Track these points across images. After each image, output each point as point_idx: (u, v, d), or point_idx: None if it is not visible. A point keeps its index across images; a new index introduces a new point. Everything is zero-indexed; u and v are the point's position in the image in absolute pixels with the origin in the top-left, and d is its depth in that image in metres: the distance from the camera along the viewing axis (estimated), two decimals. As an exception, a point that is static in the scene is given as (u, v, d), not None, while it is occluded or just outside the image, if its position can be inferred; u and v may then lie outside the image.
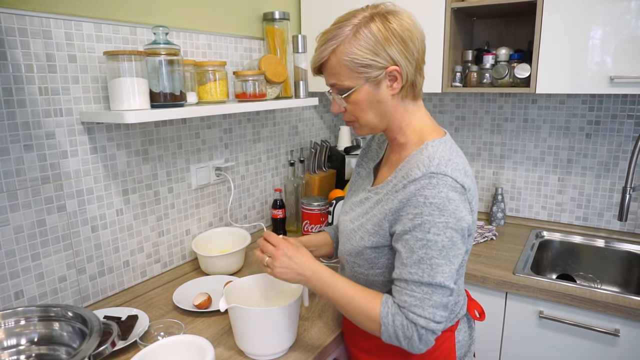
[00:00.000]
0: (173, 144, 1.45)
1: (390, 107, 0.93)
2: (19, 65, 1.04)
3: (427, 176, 0.85)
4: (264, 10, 1.72)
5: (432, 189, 0.84)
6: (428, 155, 0.88)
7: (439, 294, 0.84)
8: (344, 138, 2.16)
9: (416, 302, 0.84)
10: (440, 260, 0.84)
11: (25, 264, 1.10)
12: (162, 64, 1.15)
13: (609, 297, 1.30)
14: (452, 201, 0.84)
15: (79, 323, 0.88)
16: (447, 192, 0.83)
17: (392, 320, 0.85)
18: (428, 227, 0.83)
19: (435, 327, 0.84)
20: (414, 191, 0.85)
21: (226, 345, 1.07)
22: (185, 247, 1.54)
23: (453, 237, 0.84)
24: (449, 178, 0.85)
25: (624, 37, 1.36)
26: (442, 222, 0.83)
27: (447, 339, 1.00)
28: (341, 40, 0.88)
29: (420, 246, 0.84)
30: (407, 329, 0.84)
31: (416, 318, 0.83)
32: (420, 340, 0.84)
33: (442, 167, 0.85)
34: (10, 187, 1.06)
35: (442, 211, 0.83)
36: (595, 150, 1.77)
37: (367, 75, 0.89)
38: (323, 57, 0.91)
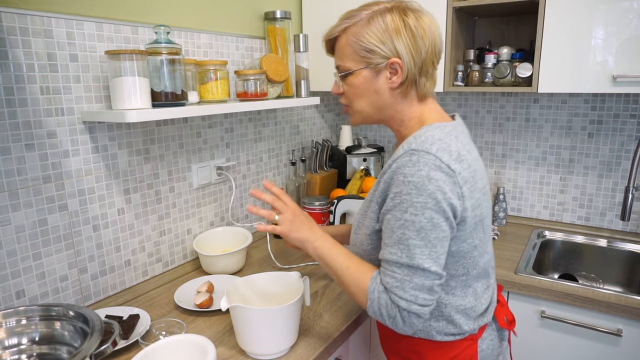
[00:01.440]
0: (174, 143, 1.45)
1: (386, 100, 0.92)
2: (20, 65, 1.04)
3: (408, 153, 0.83)
4: (265, 10, 1.72)
5: (411, 166, 0.81)
6: (416, 135, 0.87)
7: (420, 276, 0.82)
8: (345, 137, 2.16)
9: (397, 284, 0.83)
10: (417, 242, 0.81)
11: (27, 263, 1.10)
12: (163, 63, 1.15)
13: (611, 297, 1.30)
14: (434, 180, 0.80)
15: (80, 322, 0.88)
16: (429, 170, 0.80)
17: (377, 297, 0.85)
18: (405, 207, 0.81)
19: (419, 309, 0.82)
20: (395, 169, 0.84)
21: (228, 344, 1.07)
22: (187, 246, 1.54)
23: (433, 219, 0.80)
24: (432, 156, 0.81)
25: (626, 36, 1.36)
26: (420, 202, 0.80)
27: (467, 348, 0.95)
28: (355, 21, 0.90)
29: (399, 226, 0.82)
30: (391, 309, 0.84)
31: (398, 300, 0.82)
32: (404, 322, 0.84)
33: (425, 145, 0.83)
34: (11, 187, 1.06)
35: (420, 190, 0.80)
36: (598, 149, 1.77)
37: (369, 61, 0.89)
38: (333, 33, 0.94)
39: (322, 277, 1.42)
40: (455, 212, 0.83)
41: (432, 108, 0.95)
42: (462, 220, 0.86)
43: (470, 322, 0.94)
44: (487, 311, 0.98)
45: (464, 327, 0.94)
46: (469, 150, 0.89)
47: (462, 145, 0.87)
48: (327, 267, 0.95)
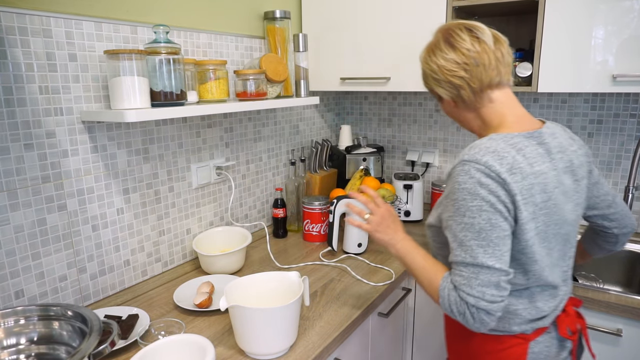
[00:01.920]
0: (174, 143, 1.45)
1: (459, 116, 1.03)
2: (19, 64, 1.04)
3: (461, 163, 0.89)
4: (264, 9, 1.71)
5: (463, 175, 0.87)
6: (474, 144, 0.91)
7: (485, 273, 0.85)
8: (345, 137, 2.16)
9: (464, 281, 0.87)
10: (479, 242, 0.85)
11: (26, 263, 1.10)
12: (162, 63, 1.15)
13: (611, 296, 1.29)
14: (485, 185, 0.85)
15: (78, 322, 0.87)
16: (479, 177, 0.86)
17: (447, 295, 0.90)
18: (463, 211, 0.87)
19: (487, 305, 0.85)
20: (453, 178, 0.90)
21: (227, 344, 1.07)
22: (186, 246, 1.54)
23: (491, 219, 0.85)
24: (481, 165, 0.86)
25: (626, 36, 1.35)
26: (475, 205, 0.85)
27: (516, 345, 0.96)
28: None
29: (460, 229, 0.88)
30: (460, 306, 0.87)
31: (466, 296, 0.86)
32: (474, 318, 0.86)
33: (476, 156, 0.88)
34: (10, 186, 1.06)
35: (474, 195, 0.85)
36: (598, 149, 1.77)
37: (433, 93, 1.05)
38: None
39: (321, 277, 1.42)
40: (510, 212, 0.87)
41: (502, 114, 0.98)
42: (519, 228, 0.88)
43: (522, 323, 0.96)
44: (547, 317, 0.97)
45: (513, 327, 0.96)
46: (532, 164, 0.89)
47: (523, 159, 0.88)
48: (406, 266, 1.03)
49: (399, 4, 1.65)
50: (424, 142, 2.16)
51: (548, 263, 0.93)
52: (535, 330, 0.97)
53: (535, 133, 0.94)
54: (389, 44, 1.71)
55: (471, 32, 0.93)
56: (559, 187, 0.92)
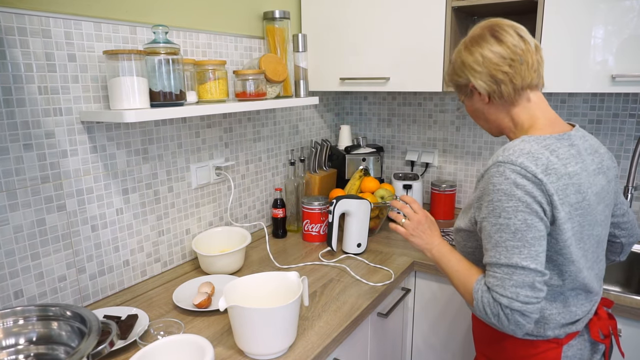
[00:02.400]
0: (173, 143, 1.45)
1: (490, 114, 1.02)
2: (18, 65, 1.04)
3: (495, 165, 0.89)
4: (264, 9, 1.71)
5: (498, 176, 0.87)
6: (506, 146, 0.91)
7: (520, 273, 0.85)
8: (344, 137, 2.16)
9: (497, 282, 0.87)
10: (515, 242, 0.85)
11: (25, 264, 1.10)
12: (161, 63, 1.15)
13: (610, 296, 1.29)
14: (521, 186, 0.85)
15: (77, 322, 0.88)
16: (515, 177, 0.86)
17: (480, 297, 0.90)
18: (499, 212, 0.87)
19: (521, 307, 0.84)
20: (487, 179, 0.90)
21: (226, 344, 1.07)
22: (186, 246, 1.54)
23: (527, 220, 0.85)
24: (517, 166, 0.86)
25: (626, 36, 1.35)
26: (511, 206, 0.85)
27: (550, 350, 0.96)
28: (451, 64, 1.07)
29: (495, 230, 0.88)
30: (494, 307, 0.87)
31: (499, 297, 0.86)
32: (509, 320, 0.86)
33: (511, 157, 0.88)
34: (9, 187, 1.06)
35: (510, 196, 0.85)
36: (597, 149, 1.77)
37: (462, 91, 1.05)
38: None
39: (320, 277, 1.42)
40: (546, 213, 0.87)
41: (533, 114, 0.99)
42: (557, 228, 0.88)
43: (555, 328, 0.95)
44: (580, 321, 0.97)
45: (548, 332, 0.95)
46: (565, 165, 0.89)
47: (557, 160, 0.89)
48: (442, 270, 1.05)
49: (399, 5, 1.65)
50: (424, 142, 2.16)
51: (584, 264, 0.94)
52: (568, 334, 0.97)
53: (565, 135, 0.95)
54: (389, 44, 1.71)
55: (517, 31, 0.95)
56: (591, 188, 0.93)
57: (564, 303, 0.95)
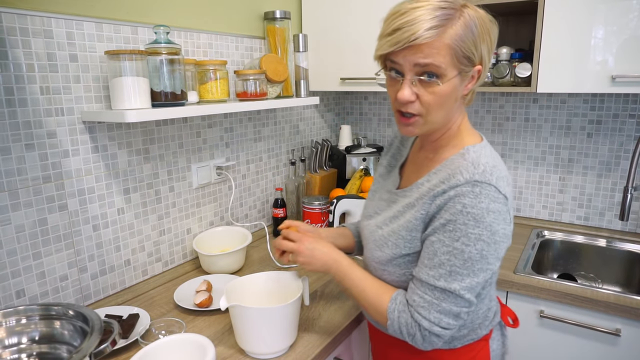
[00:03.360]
0: (174, 143, 1.45)
1: (454, 108, 0.87)
2: (20, 65, 1.04)
3: (471, 184, 0.80)
4: (265, 10, 1.72)
5: (473, 197, 0.79)
6: (472, 160, 0.83)
7: (451, 302, 0.82)
8: (344, 137, 2.16)
9: (424, 304, 0.83)
10: (461, 270, 0.81)
11: (27, 263, 1.11)
12: (163, 63, 1.15)
13: (610, 296, 1.30)
14: (491, 213, 0.79)
15: (79, 321, 0.88)
16: (488, 203, 0.79)
17: (397, 317, 0.86)
18: (458, 236, 0.80)
19: (440, 331, 0.83)
20: (452, 196, 0.81)
21: (227, 343, 1.08)
22: (187, 246, 1.54)
23: (483, 251, 0.80)
24: (493, 188, 0.80)
25: (626, 36, 1.36)
26: (475, 233, 0.79)
27: (481, 349, 0.97)
28: (450, 19, 0.77)
29: (444, 252, 0.81)
30: (411, 327, 0.84)
31: (420, 319, 0.83)
32: (424, 340, 0.84)
33: (487, 176, 0.81)
34: (11, 186, 1.06)
35: (478, 222, 0.79)
36: (597, 149, 1.77)
37: (463, 67, 0.80)
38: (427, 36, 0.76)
39: (321, 277, 1.43)
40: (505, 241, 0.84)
41: (465, 115, 0.94)
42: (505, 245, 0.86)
43: (488, 325, 0.96)
44: (497, 313, 1.00)
45: (484, 331, 0.96)
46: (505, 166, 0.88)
47: (503, 165, 0.87)
48: (346, 291, 0.98)
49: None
50: (424, 142, 2.16)
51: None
52: (490, 329, 0.98)
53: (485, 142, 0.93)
54: (389, 44, 1.71)
55: None
56: None
57: (490, 299, 0.97)
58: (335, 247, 1.00)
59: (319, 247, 0.99)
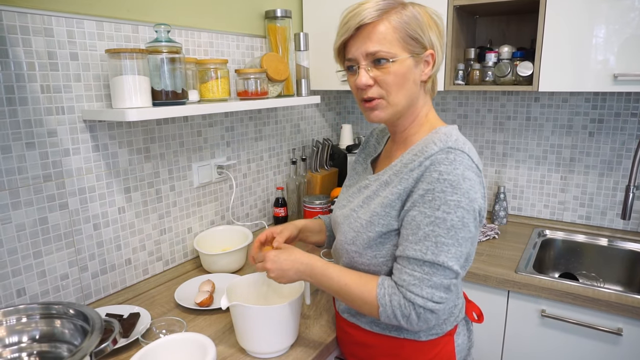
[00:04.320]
0: (175, 142, 1.45)
1: (416, 92, 0.91)
2: (20, 63, 1.04)
3: (445, 151, 0.83)
4: (265, 8, 1.71)
5: (448, 164, 0.81)
6: (445, 132, 0.87)
7: (440, 275, 0.82)
8: (345, 136, 2.16)
9: (415, 282, 0.82)
10: (446, 240, 0.81)
11: (27, 262, 1.11)
12: (163, 62, 1.15)
13: (612, 296, 1.29)
14: (467, 180, 0.81)
15: (80, 320, 0.88)
16: (463, 170, 0.82)
17: (389, 301, 0.84)
18: (438, 204, 0.81)
19: (434, 306, 0.82)
20: (428, 165, 0.83)
21: (228, 343, 1.07)
22: (187, 245, 1.54)
23: (464, 218, 0.81)
24: (466, 155, 0.83)
25: (627, 35, 1.35)
26: (454, 200, 0.80)
27: (446, 344, 0.97)
28: (393, 8, 0.86)
29: (428, 223, 0.82)
30: (405, 308, 0.83)
31: (413, 297, 0.82)
32: (419, 318, 0.83)
33: (460, 144, 0.85)
34: (12, 185, 1.06)
35: (455, 189, 0.80)
36: (599, 148, 1.77)
37: (413, 49, 0.86)
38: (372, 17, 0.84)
39: (322, 276, 1.42)
40: (481, 211, 0.86)
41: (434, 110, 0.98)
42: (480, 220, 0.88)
43: (452, 321, 0.97)
44: (462, 309, 1.01)
45: (448, 326, 0.97)
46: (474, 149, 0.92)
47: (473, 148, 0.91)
48: (327, 291, 0.94)
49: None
50: (425, 141, 2.16)
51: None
52: (455, 324, 0.99)
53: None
54: (390, 43, 1.70)
55: None
56: None
57: (458, 294, 0.98)
58: (305, 252, 0.97)
59: (283, 256, 0.95)
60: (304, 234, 1.13)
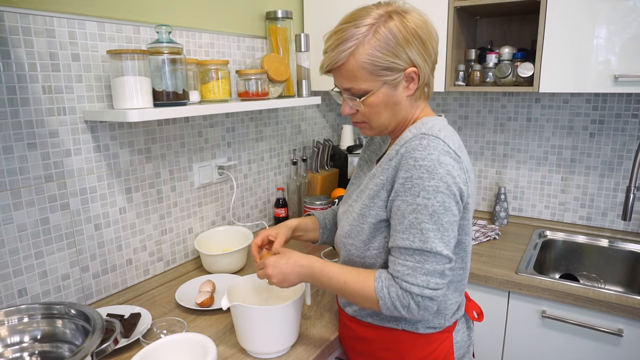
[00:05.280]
0: (176, 142, 1.45)
1: (403, 108, 0.92)
2: (22, 64, 1.05)
3: (418, 137, 0.84)
4: (266, 9, 1.72)
5: (422, 150, 0.82)
6: (423, 121, 0.89)
7: (432, 261, 0.83)
8: (346, 137, 2.16)
9: (408, 271, 0.83)
10: (430, 225, 0.82)
11: (29, 262, 1.11)
12: (165, 63, 1.15)
13: (612, 296, 1.29)
14: (443, 165, 0.82)
15: (81, 320, 0.88)
16: (438, 155, 0.82)
17: (387, 293, 0.85)
18: (417, 191, 0.82)
19: (431, 293, 0.83)
20: (404, 153, 0.85)
21: (228, 343, 1.08)
22: (188, 245, 1.55)
23: (445, 202, 0.82)
24: (441, 141, 0.84)
25: (628, 36, 1.35)
26: (432, 185, 0.81)
27: (444, 340, 0.98)
28: (360, 41, 0.85)
29: (410, 211, 0.83)
30: (404, 298, 0.84)
31: (409, 286, 0.83)
32: (419, 307, 0.84)
33: (434, 130, 0.85)
34: (13, 186, 1.06)
35: (432, 174, 0.81)
36: (599, 149, 1.77)
37: (386, 78, 0.87)
38: (341, 59, 0.87)
39: (323, 277, 1.43)
40: (462, 195, 0.86)
41: (429, 110, 0.97)
42: (464, 207, 0.88)
43: (452, 317, 0.98)
44: (462, 305, 1.02)
45: (447, 322, 0.97)
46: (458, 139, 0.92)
47: (457, 137, 0.91)
48: (327, 289, 0.95)
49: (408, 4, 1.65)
50: (426, 142, 2.16)
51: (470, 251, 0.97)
52: (455, 320, 1.00)
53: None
54: (391, 44, 1.71)
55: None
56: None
57: (460, 291, 0.98)
58: (301, 254, 0.97)
59: (282, 261, 0.96)
60: (297, 233, 1.15)
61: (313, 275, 0.94)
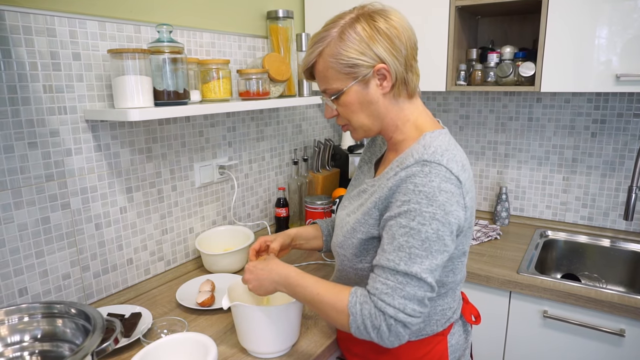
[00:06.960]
0: (177, 142, 1.45)
1: (382, 108, 0.91)
2: (23, 63, 1.05)
3: (420, 163, 0.83)
4: (268, 9, 1.72)
5: (423, 177, 0.82)
6: (424, 144, 0.87)
7: (414, 285, 0.80)
8: (347, 137, 2.16)
9: (387, 290, 0.80)
10: (420, 252, 0.80)
11: (29, 261, 1.11)
12: (165, 62, 1.15)
13: (614, 296, 1.29)
14: (444, 193, 0.81)
15: (82, 320, 0.88)
16: (440, 182, 0.81)
17: (360, 310, 0.82)
18: (413, 216, 0.81)
19: (405, 318, 0.80)
20: (404, 177, 0.83)
21: (229, 343, 1.07)
22: (189, 245, 1.54)
23: (439, 231, 0.80)
24: (443, 168, 0.82)
25: (630, 35, 1.35)
26: (429, 212, 0.80)
27: (438, 343, 0.97)
28: (327, 42, 0.88)
29: (402, 233, 0.81)
30: (375, 318, 0.80)
31: (384, 306, 0.80)
32: (390, 331, 0.80)
33: (437, 156, 0.83)
34: (14, 185, 1.06)
35: (431, 201, 0.80)
36: (601, 149, 1.76)
37: (355, 75, 0.88)
38: (310, 60, 0.92)
39: (323, 277, 1.42)
40: (461, 226, 0.85)
41: (422, 111, 0.95)
42: (460, 233, 0.87)
43: (446, 321, 0.97)
44: (458, 309, 1.01)
45: (439, 327, 0.96)
46: (465, 157, 0.91)
47: (460, 152, 0.90)
48: (302, 301, 0.93)
49: (402, 4, 1.65)
50: (427, 141, 2.15)
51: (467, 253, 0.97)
52: (450, 324, 0.99)
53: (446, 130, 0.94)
54: (392, 43, 1.70)
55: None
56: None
57: (454, 297, 0.98)
58: (282, 263, 0.96)
59: (260, 267, 0.96)
60: (296, 241, 1.14)
61: (288, 285, 0.93)
